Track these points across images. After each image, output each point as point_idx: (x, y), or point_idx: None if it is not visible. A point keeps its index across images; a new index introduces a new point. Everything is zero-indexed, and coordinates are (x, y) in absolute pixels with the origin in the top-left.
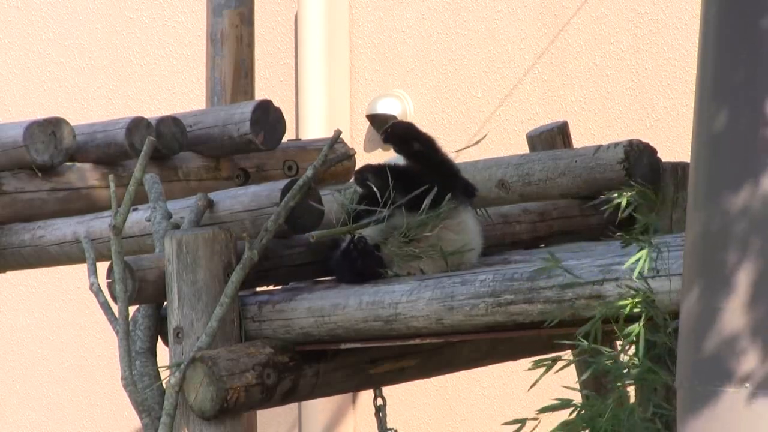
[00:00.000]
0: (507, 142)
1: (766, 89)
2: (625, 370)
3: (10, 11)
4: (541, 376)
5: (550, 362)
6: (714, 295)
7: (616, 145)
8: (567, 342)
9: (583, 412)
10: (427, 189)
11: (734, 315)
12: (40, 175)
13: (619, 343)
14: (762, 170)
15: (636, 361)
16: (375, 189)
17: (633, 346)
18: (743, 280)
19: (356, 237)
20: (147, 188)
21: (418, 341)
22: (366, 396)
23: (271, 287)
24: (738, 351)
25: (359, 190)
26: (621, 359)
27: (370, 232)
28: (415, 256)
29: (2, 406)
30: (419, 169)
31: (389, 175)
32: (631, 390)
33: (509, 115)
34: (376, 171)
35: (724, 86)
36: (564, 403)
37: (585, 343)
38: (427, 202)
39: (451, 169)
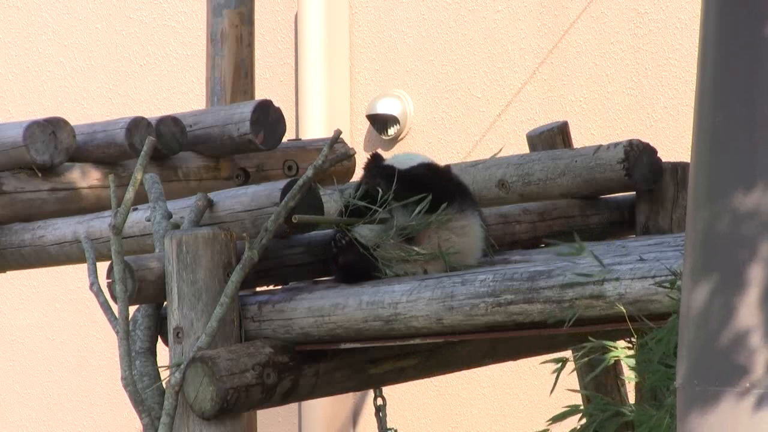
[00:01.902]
0: (507, 142)
1: (766, 89)
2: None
3: (10, 11)
4: (556, 382)
5: (561, 361)
6: (714, 295)
7: (616, 145)
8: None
9: (591, 417)
10: (424, 196)
11: (734, 315)
12: (40, 175)
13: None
14: (761, 169)
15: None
16: (381, 192)
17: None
18: (743, 280)
19: (338, 234)
20: (147, 188)
21: (418, 341)
22: (366, 396)
23: (271, 287)
24: (738, 351)
25: (363, 186)
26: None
27: (367, 233)
28: (404, 260)
29: (2, 405)
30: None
31: (397, 180)
32: (631, 389)
33: (509, 115)
34: (388, 176)
35: (724, 86)
36: (573, 410)
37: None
38: (420, 207)
39: (454, 180)
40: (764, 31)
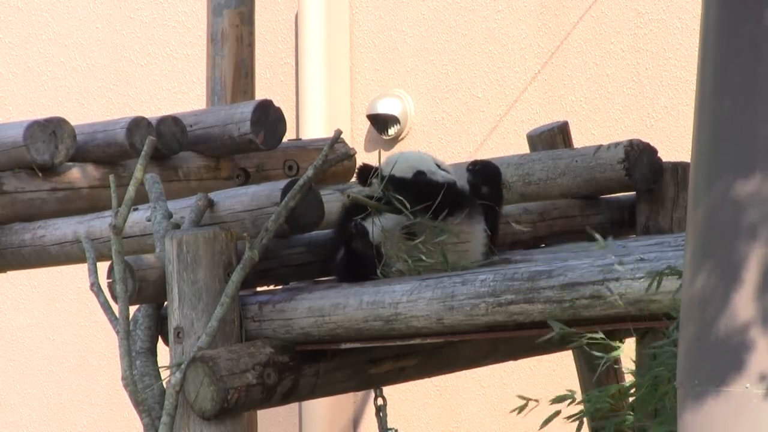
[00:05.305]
0: (507, 142)
1: (766, 87)
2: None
3: (10, 11)
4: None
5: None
6: (714, 295)
7: (617, 145)
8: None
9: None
10: (445, 203)
11: (734, 315)
12: (40, 175)
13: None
14: (761, 164)
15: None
16: (393, 198)
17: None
18: (743, 278)
19: (357, 223)
20: (147, 188)
21: (418, 341)
22: (366, 396)
23: (271, 287)
24: (738, 351)
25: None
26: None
27: (384, 223)
28: (404, 260)
29: (2, 405)
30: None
31: (414, 185)
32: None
33: (510, 115)
34: (397, 183)
35: (724, 84)
36: (570, 395)
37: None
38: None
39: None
40: (764, 29)
